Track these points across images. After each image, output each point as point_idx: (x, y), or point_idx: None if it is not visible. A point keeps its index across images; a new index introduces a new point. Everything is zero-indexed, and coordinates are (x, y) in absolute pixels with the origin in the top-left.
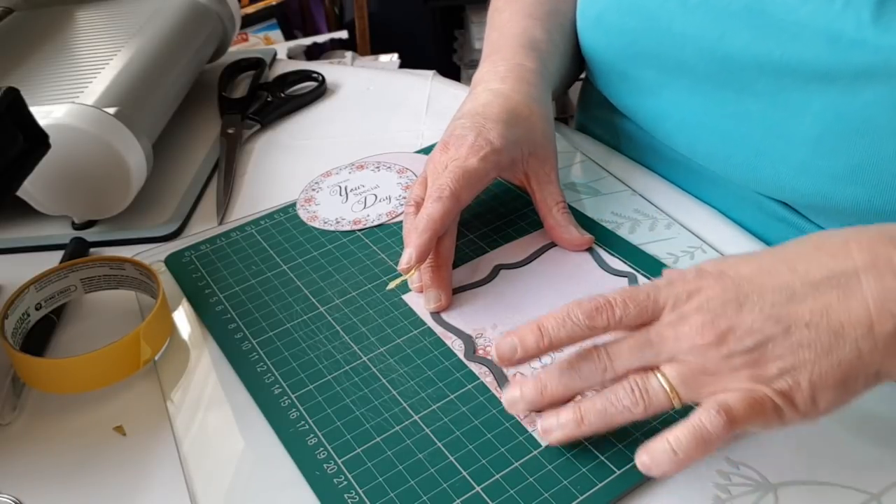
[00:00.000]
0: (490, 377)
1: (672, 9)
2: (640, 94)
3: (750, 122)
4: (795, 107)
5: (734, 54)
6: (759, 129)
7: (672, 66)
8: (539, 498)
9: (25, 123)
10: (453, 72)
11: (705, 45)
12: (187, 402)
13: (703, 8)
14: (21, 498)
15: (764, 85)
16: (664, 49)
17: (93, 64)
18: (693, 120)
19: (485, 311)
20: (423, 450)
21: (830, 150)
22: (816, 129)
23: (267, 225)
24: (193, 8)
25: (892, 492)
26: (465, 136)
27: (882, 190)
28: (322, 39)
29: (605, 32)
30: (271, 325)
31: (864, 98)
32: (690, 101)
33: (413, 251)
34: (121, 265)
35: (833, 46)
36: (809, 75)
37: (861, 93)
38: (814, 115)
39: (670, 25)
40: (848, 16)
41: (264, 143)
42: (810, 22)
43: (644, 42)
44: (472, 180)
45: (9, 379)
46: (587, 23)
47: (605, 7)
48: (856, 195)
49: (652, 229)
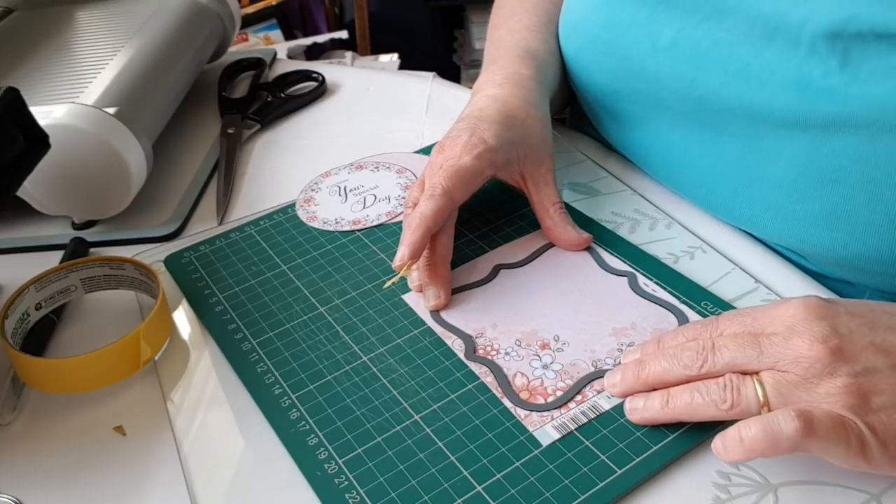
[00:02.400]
0: (490, 377)
1: (643, 50)
2: (624, 128)
3: (727, 162)
4: (769, 151)
5: (707, 97)
6: (737, 170)
7: (651, 103)
8: (540, 497)
9: (25, 123)
10: (453, 72)
11: (679, 87)
12: (187, 402)
13: (673, 49)
14: (21, 498)
15: (738, 128)
16: (641, 88)
17: (93, 64)
18: (674, 156)
19: (485, 311)
20: (424, 450)
21: (804, 195)
22: (790, 174)
23: (266, 225)
24: (193, 8)
25: (892, 492)
26: (459, 136)
27: (857, 237)
28: (322, 39)
29: (584, 68)
30: (271, 326)
31: (834, 147)
32: (671, 137)
33: (406, 249)
34: (121, 265)
35: (801, 94)
36: (780, 122)
37: (831, 142)
38: (787, 161)
39: (643, 66)
40: (814, 63)
41: (264, 143)
42: (777, 67)
43: (621, 80)
44: (466, 178)
45: (9, 379)
46: (568, 56)
47: (582, 44)
48: (832, 240)
49: (652, 229)
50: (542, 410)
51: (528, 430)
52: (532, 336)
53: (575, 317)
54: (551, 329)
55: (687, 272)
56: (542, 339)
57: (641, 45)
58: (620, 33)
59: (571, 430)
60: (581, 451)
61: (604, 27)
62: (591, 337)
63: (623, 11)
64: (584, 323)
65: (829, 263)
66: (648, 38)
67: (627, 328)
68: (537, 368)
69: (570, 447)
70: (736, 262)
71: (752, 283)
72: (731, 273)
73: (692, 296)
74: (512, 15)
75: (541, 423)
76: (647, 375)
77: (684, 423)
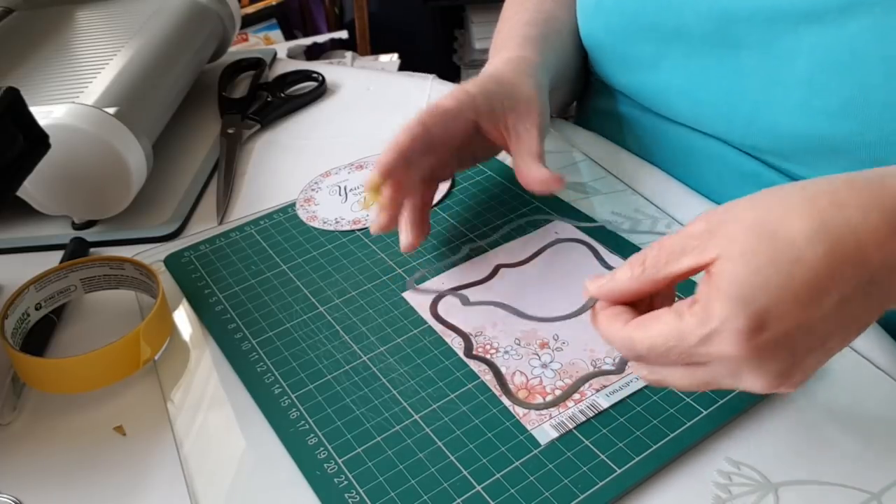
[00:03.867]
0: (490, 375)
1: None
2: (640, 71)
3: (746, 75)
4: (787, 51)
5: (728, 8)
6: (756, 81)
7: (670, 35)
8: (539, 497)
9: (25, 123)
10: (453, 72)
11: (702, 7)
12: (187, 402)
13: None
14: (21, 498)
15: (757, 35)
16: (662, 19)
17: (93, 64)
18: (692, 85)
19: (484, 310)
20: (424, 449)
21: (823, 87)
22: (809, 69)
23: (266, 225)
24: (193, 8)
25: (892, 492)
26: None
27: (872, 123)
28: (322, 39)
29: (605, 15)
30: (271, 325)
31: (851, 30)
32: (689, 66)
33: (376, 168)
34: (121, 265)
35: None
36: (798, 16)
37: (847, 25)
38: (805, 56)
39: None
40: None
41: (264, 143)
42: None
43: (642, 17)
44: (444, 115)
45: (9, 379)
46: (587, 10)
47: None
48: (850, 130)
49: (652, 228)
50: (541, 409)
51: (526, 430)
52: (531, 335)
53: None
54: (551, 328)
55: None
56: (542, 338)
57: None
58: None
59: (570, 429)
60: (581, 450)
61: None
62: (590, 336)
63: None
64: (584, 322)
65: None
66: None
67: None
68: (536, 367)
69: (570, 446)
70: None
71: None
72: None
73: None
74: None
75: (539, 422)
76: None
77: (684, 422)
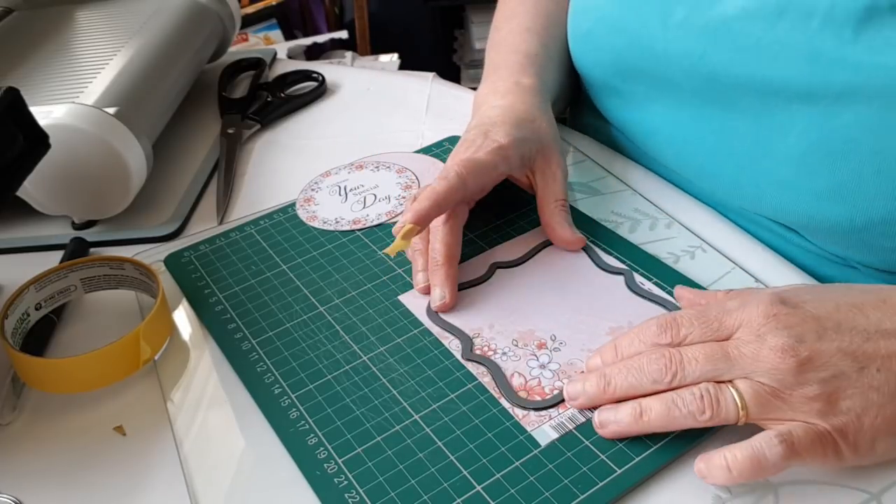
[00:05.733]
0: (488, 377)
1: (654, 28)
2: (630, 108)
3: (736, 138)
4: (780, 125)
5: (717, 73)
6: (745, 146)
7: (659, 82)
8: (540, 497)
9: (25, 123)
10: (453, 72)
11: (688, 64)
12: (187, 402)
13: (683, 27)
14: (21, 498)
15: (749, 103)
16: (650, 66)
17: (93, 64)
18: (681, 135)
19: (482, 311)
20: (424, 449)
21: (814, 169)
22: (800, 148)
23: (266, 225)
24: (193, 8)
25: (892, 492)
26: (474, 141)
27: (862, 209)
28: (322, 39)
29: (594, 49)
30: (271, 325)
31: (846, 118)
32: (678, 116)
33: (410, 214)
34: (121, 265)
35: (813, 65)
36: (792, 95)
37: (843, 113)
38: (798, 134)
39: (653, 44)
40: (827, 34)
41: (264, 143)
42: (789, 40)
43: (630, 59)
44: (479, 169)
45: (9, 379)
46: (577, 38)
47: (594, 24)
48: (838, 214)
49: (652, 229)
50: (540, 410)
51: (526, 430)
52: (529, 335)
53: (572, 316)
54: (548, 328)
55: (687, 272)
56: (539, 338)
57: (652, 23)
58: (631, 12)
59: (570, 430)
60: (581, 450)
61: (615, 6)
62: (587, 336)
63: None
64: (581, 322)
65: (831, 239)
66: (659, 17)
67: (624, 326)
68: (535, 368)
69: (570, 447)
70: (736, 262)
71: (753, 281)
72: (731, 272)
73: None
74: (513, 16)
75: (539, 423)
76: (613, 392)
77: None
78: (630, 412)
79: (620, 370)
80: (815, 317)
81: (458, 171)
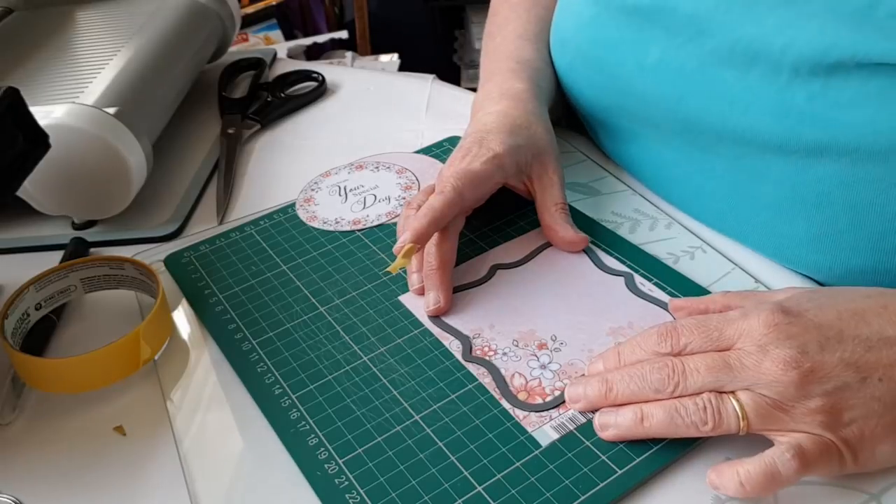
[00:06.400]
0: (489, 378)
1: (630, 68)
2: (617, 140)
3: (717, 179)
4: (756, 172)
5: (692, 118)
6: (726, 188)
7: (640, 120)
8: (540, 498)
9: (25, 123)
10: (453, 72)
11: (665, 106)
12: (187, 402)
13: (659, 69)
14: (21, 498)
15: (725, 148)
16: (630, 105)
17: (93, 64)
18: (666, 170)
19: (482, 312)
20: (425, 450)
21: (790, 217)
22: (776, 196)
23: (266, 225)
24: (193, 8)
25: (892, 492)
26: (469, 150)
27: (841, 258)
28: (322, 39)
29: (575, 82)
30: (271, 326)
31: (818, 172)
32: (662, 152)
33: (410, 233)
34: (121, 265)
35: (782, 120)
36: (763, 146)
37: (814, 167)
38: (773, 183)
39: (631, 84)
40: (795, 88)
41: (264, 143)
42: (759, 92)
43: (612, 96)
44: (476, 180)
45: (9, 379)
46: (561, 70)
47: (572, 60)
48: (817, 261)
49: (652, 229)
50: (541, 410)
51: (527, 431)
52: (529, 336)
53: (572, 316)
54: (549, 329)
55: (687, 272)
56: (540, 339)
57: (628, 63)
58: (608, 51)
59: (570, 430)
60: (581, 451)
61: (592, 44)
62: (588, 336)
63: (610, 30)
64: (581, 322)
65: (815, 279)
66: (634, 57)
67: (624, 327)
68: (535, 368)
69: (571, 447)
70: (736, 263)
71: (752, 282)
72: (731, 273)
73: (692, 296)
74: (507, 23)
75: (539, 424)
76: (615, 397)
77: None
78: (631, 416)
79: (623, 377)
80: (817, 325)
81: (454, 184)
